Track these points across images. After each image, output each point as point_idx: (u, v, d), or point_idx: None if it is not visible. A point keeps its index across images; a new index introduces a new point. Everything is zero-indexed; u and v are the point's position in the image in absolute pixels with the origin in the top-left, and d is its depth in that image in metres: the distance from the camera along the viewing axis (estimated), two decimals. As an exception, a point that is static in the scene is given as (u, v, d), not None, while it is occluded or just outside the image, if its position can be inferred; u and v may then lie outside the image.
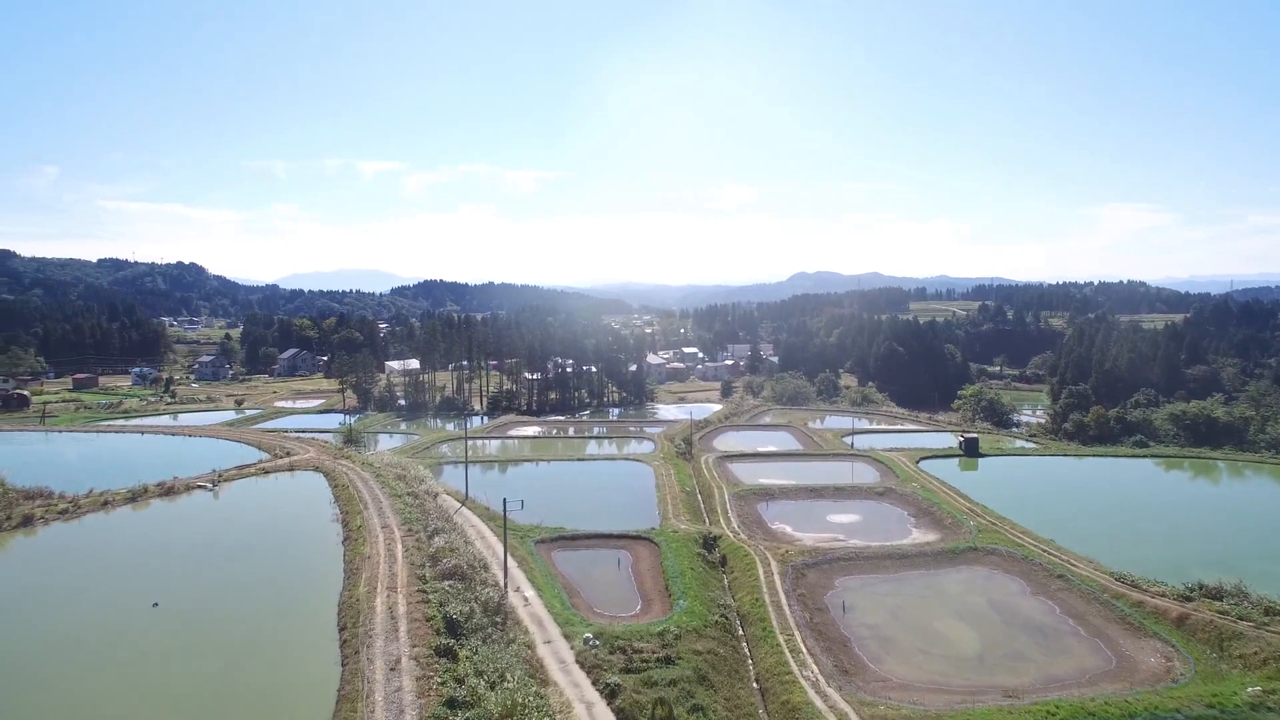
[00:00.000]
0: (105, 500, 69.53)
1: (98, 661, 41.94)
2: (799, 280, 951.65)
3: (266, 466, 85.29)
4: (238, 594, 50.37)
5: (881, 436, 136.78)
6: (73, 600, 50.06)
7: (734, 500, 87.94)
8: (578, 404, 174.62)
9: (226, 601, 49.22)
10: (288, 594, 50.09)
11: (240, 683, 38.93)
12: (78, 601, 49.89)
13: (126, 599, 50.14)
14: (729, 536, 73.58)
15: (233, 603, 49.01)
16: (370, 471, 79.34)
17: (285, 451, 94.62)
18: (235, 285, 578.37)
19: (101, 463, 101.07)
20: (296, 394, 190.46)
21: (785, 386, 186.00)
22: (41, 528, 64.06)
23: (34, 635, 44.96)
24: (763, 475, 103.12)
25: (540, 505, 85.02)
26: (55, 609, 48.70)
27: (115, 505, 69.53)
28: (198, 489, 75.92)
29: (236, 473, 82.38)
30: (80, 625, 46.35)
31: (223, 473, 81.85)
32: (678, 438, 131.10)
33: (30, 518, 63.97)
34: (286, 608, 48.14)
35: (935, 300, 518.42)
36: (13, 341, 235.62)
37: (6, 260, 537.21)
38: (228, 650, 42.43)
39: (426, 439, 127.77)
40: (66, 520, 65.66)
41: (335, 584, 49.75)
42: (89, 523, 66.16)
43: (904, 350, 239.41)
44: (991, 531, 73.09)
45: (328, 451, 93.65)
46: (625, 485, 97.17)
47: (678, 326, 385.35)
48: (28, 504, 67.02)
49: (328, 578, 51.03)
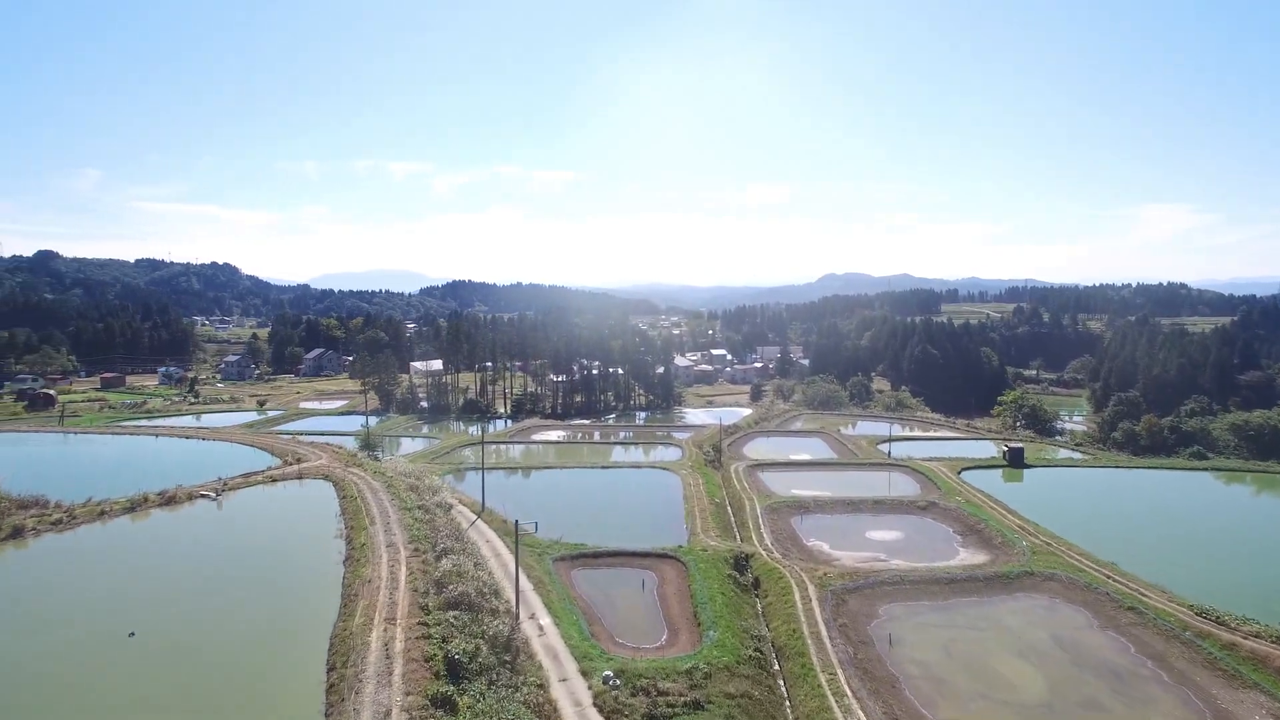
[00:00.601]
0: (102, 510, 65.56)
1: (49, 702, 37.51)
2: (828, 281, 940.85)
3: (274, 474, 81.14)
4: (224, 622, 45.75)
5: (918, 444, 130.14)
6: (44, 627, 45.69)
7: (766, 514, 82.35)
8: (603, 407, 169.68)
9: (211, 632, 44.59)
10: (277, 623, 45.38)
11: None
12: (49, 627, 45.54)
13: (104, 624, 45.79)
14: (762, 555, 68.06)
15: (218, 633, 44.36)
16: (381, 481, 74.83)
17: (296, 458, 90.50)
18: (267, 285, 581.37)
19: (111, 466, 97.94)
20: (320, 394, 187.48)
21: (817, 390, 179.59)
22: (32, 539, 60.14)
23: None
24: (796, 486, 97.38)
25: (561, 516, 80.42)
26: (23, 637, 44.43)
27: (112, 515, 65.58)
28: (201, 498, 71.88)
29: (243, 480, 78.28)
30: (46, 655, 41.99)
31: (228, 480, 77.80)
32: (706, 444, 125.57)
33: (21, 529, 60.09)
34: (274, 641, 43.38)
35: (967, 302, 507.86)
36: (46, 341, 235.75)
37: (49, 261, 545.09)
38: (202, 692, 37.78)
39: (447, 443, 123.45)
40: (60, 531, 61.72)
41: (331, 612, 45.00)
42: (82, 535, 62.16)
43: (938, 353, 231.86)
44: (1047, 553, 66.81)
45: (339, 458, 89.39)
46: (651, 495, 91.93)
47: (706, 328, 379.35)
48: (21, 514, 63.20)
49: (323, 604, 46.28)
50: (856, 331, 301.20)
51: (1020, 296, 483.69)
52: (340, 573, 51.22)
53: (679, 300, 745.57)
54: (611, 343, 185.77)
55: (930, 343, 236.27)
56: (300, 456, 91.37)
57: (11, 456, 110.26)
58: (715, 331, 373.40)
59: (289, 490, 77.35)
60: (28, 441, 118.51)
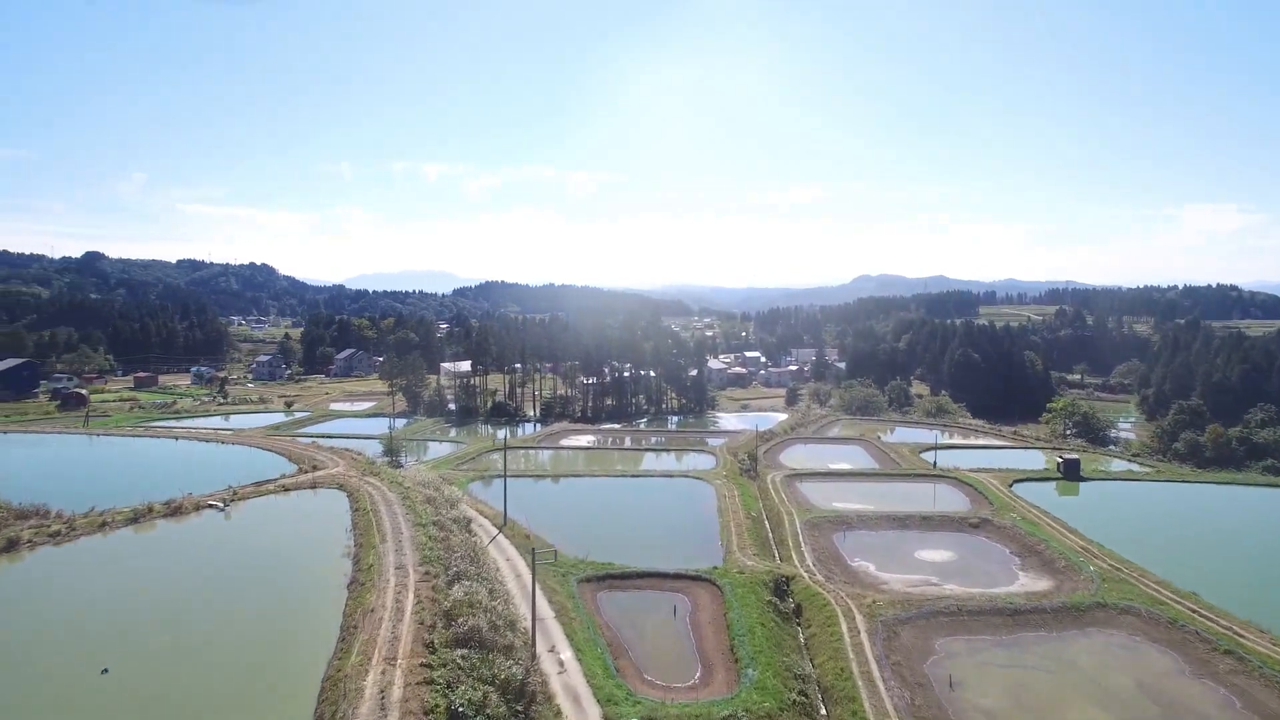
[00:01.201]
0: (104, 521, 61.77)
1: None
2: (862, 283, 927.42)
3: (287, 483, 77.04)
4: (208, 658, 41.05)
5: (963, 453, 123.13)
6: (20, 654, 41.69)
7: (806, 529, 76.60)
8: (635, 411, 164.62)
9: (193, 670, 39.92)
10: (266, 661, 40.69)
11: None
12: (27, 653, 41.53)
13: (82, 652, 41.66)
14: (803, 578, 62.40)
15: (199, 672, 39.69)
16: (397, 492, 70.33)
17: (312, 465, 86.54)
18: (303, 285, 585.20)
19: (127, 471, 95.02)
20: (349, 395, 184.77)
21: (855, 395, 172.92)
22: (27, 553, 56.38)
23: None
24: (837, 498, 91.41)
25: (589, 530, 75.52)
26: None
27: (115, 527, 61.77)
28: (208, 508, 67.93)
29: (254, 490, 74.25)
30: (15, 689, 37.87)
31: (239, 489, 73.81)
32: (741, 451, 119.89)
33: (16, 541, 56.39)
34: (259, 683, 38.52)
35: (1005, 304, 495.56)
36: (84, 340, 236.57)
37: (95, 262, 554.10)
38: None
39: (474, 447, 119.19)
40: (58, 544, 57.97)
41: (327, 646, 40.31)
42: (81, 548, 58.39)
43: (979, 357, 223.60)
44: (1118, 581, 60.30)
45: (357, 466, 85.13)
46: (684, 507, 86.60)
47: (739, 329, 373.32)
48: (18, 525, 59.63)
49: (320, 638, 41.59)
50: (893, 334, 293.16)
51: (1061, 299, 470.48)
52: (344, 598, 46.55)
53: (711, 301, 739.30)
54: (643, 344, 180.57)
55: (971, 346, 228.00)
56: (317, 463, 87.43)
57: (30, 459, 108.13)
58: (749, 333, 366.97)
59: (301, 501, 73.15)
60: (49, 443, 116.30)
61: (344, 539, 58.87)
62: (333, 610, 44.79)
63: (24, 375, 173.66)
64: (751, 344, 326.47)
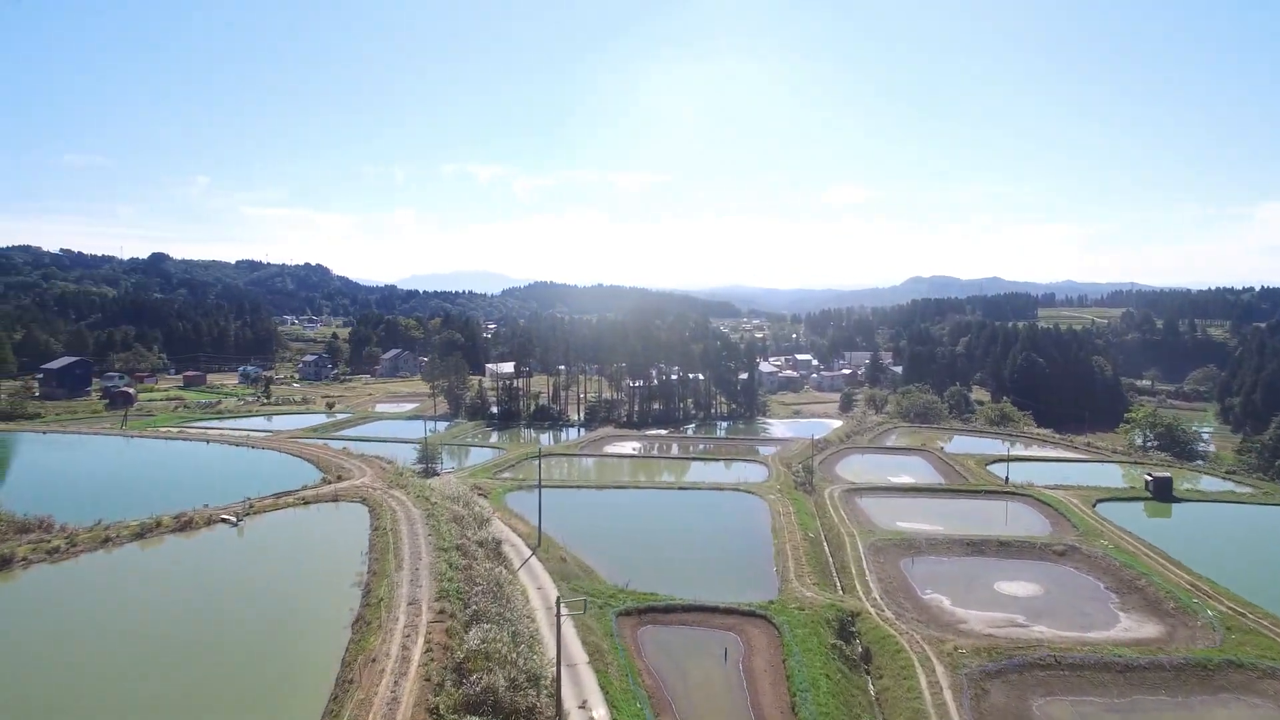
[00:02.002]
0: (107, 537, 56.72)
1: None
2: (914, 285, 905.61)
3: (308, 495, 71.55)
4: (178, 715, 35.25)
5: (1034, 467, 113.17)
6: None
7: (871, 554, 68.73)
8: (682, 415, 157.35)
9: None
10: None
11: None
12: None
13: (45, 694, 36.17)
14: (871, 615, 54.69)
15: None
16: (423, 509, 64.31)
17: (338, 474, 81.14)
18: (356, 285, 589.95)
19: (149, 477, 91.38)
20: (392, 396, 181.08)
21: (913, 401, 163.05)
22: (21, 571, 51.50)
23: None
24: (902, 517, 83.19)
25: (632, 548, 68.89)
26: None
27: (119, 543, 56.73)
28: (220, 522, 62.69)
29: (273, 502, 68.94)
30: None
31: (255, 501, 68.53)
32: (795, 462, 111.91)
33: (10, 559, 51.56)
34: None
35: (1065, 307, 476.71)
36: (139, 339, 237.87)
37: (160, 263, 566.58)
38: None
39: (514, 453, 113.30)
40: (55, 562, 53.06)
41: (316, 704, 34.04)
42: (81, 566, 53.40)
43: (1044, 362, 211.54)
44: (1248, 632, 51.20)
45: (384, 477, 79.36)
46: (735, 525, 79.28)
47: (789, 331, 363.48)
48: (17, 540, 55.00)
49: (311, 692, 35.31)
50: (950, 337, 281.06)
51: (1124, 301, 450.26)
52: (346, 639, 40.32)
53: (760, 303, 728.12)
54: (692, 346, 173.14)
55: (1035, 350, 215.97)
56: (343, 472, 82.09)
57: (57, 463, 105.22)
58: (799, 335, 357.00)
59: (320, 515, 67.49)
60: (82, 446, 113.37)
61: (358, 563, 52.85)
62: (332, 655, 38.54)
63: (77, 374, 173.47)
64: (802, 346, 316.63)
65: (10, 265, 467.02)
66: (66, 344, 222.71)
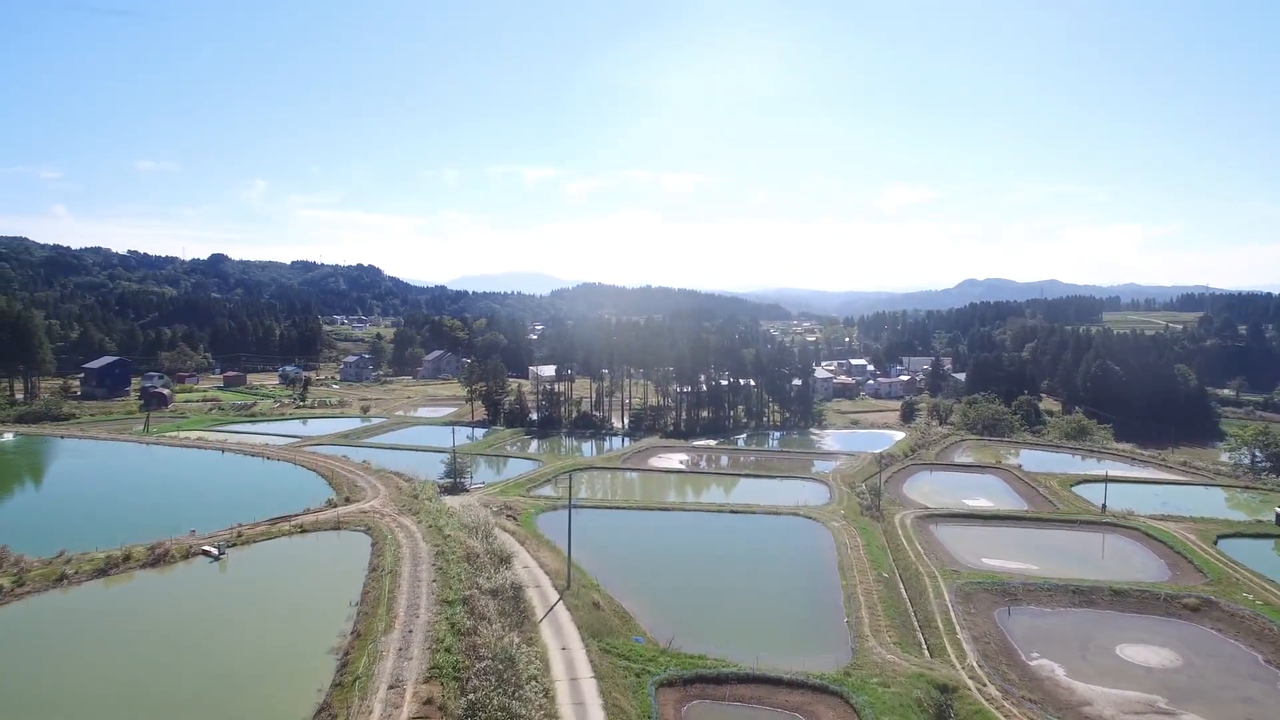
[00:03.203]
0: (63, 574, 48.05)
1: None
2: (968, 287, 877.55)
3: (307, 521, 62.50)
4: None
5: (1127, 490, 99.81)
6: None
7: (958, 601, 57.48)
8: (733, 424, 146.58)
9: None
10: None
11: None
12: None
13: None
14: (970, 691, 43.77)
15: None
16: (433, 543, 54.94)
17: (348, 494, 72.23)
18: (407, 286, 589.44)
19: (147, 492, 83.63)
20: (430, 400, 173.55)
21: (980, 412, 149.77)
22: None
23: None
24: (987, 551, 71.62)
25: (677, 590, 59.05)
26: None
27: (78, 580, 48.22)
28: (201, 554, 54.03)
29: (266, 528, 60.14)
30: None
31: (246, 528, 59.68)
32: (859, 480, 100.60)
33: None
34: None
35: (1131, 310, 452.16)
36: (185, 338, 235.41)
37: (219, 264, 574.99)
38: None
39: (551, 466, 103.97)
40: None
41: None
42: (25, 611, 44.96)
43: (1120, 370, 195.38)
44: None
45: (398, 499, 70.08)
46: (796, 559, 68.60)
47: (842, 335, 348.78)
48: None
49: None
50: (1014, 342, 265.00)
51: (1197, 305, 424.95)
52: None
53: (810, 305, 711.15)
54: (744, 351, 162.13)
55: (1109, 357, 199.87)
56: (354, 492, 73.25)
57: (54, 474, 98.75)
58: (852, 339, 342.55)
59: (316, 547, 58.26)
60: (93, 454, 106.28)
61: (344, 618, 43.48)
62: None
63: (116, 373, 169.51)
64: (856, 350, 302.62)
65: (81, 265, 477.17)
66: (120, 343, 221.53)
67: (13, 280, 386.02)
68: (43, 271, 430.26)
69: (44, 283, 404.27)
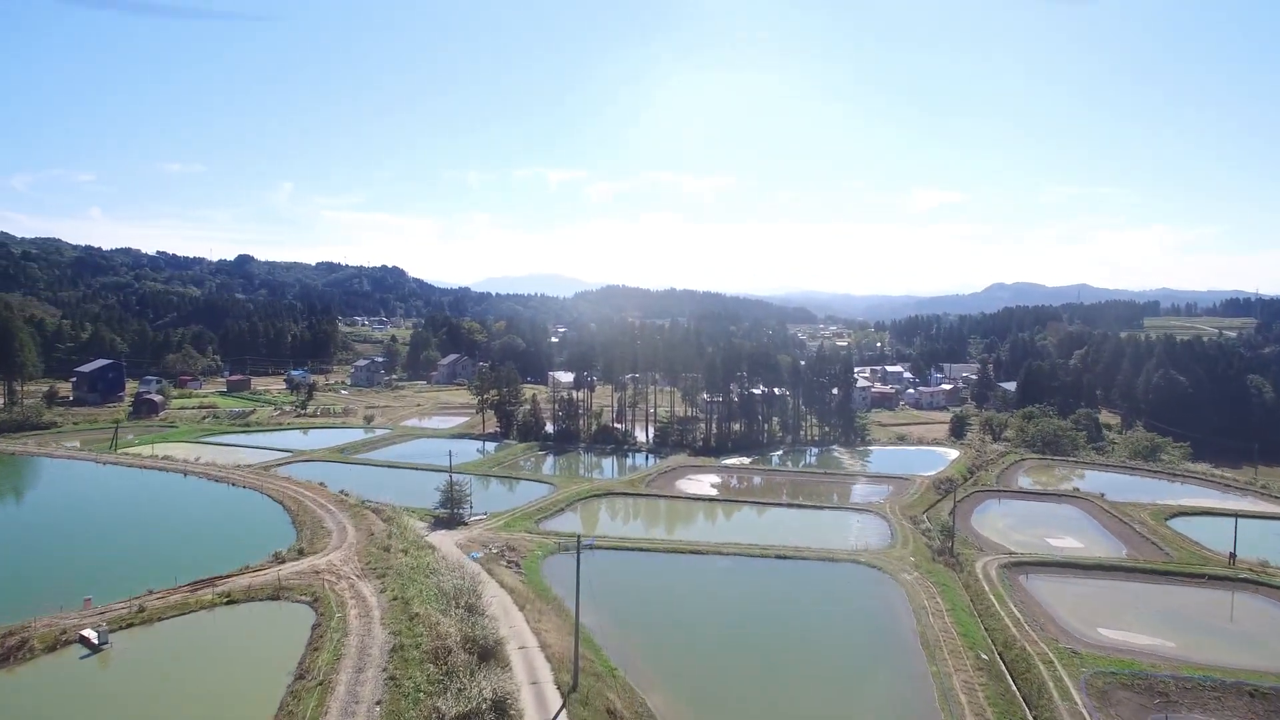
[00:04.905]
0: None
1: None
2: (996, 291, 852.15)
3: (237, 588, 47.14)
4: None
5: (1229, 525, 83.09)
6: None
7: (1095, 705, 42.35)
8: (767, 439, 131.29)
9: None
10: None
11: None
12: None
13: None
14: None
15: None
16: (393, 628, 40.50)
17: (310, 539, 57.87)
18: (430, 287, 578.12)
19: (56, 537, 66.94)
20: (442, 408, 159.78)
21: (1041, 427, 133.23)
22: None
23: None
24: (1102, 616, 56.36)
25: (715, 679, 44.42)
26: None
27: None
28: (78, 643, 39.98)
29: (184, 597, 45.43)
30: None
31: (154, 599, 45.11)
32: (918, 511, 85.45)
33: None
34: None
35: (1173, 316, 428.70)
36: (195, 339, 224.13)
37: (245, 264, 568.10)
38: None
39: (567, 490, 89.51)
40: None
41: None
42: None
43: (1186, 380, 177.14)
44: None
45: (367, 550, 54.74)
46: (865, 631, 53.53)
47: (873, 340, 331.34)
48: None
49: None
50: (1060, 350, 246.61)
51: (1243, 310, 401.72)
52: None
53: (835, 309, 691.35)
54: (778, 358, 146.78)
55: (1173, 365, 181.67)
56: (319, 535, 59.05)
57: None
58: (884, 344, 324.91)
59: (240, 628, 43.18)
60: (37, 477, 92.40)
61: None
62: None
63: (109, 377, 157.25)
64: (888, 356, 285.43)
65: (109, 266, 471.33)
66: (131, 344, 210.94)
67: (38, 280, 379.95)
68: (70, 272, 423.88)
69: (69, 283, 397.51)
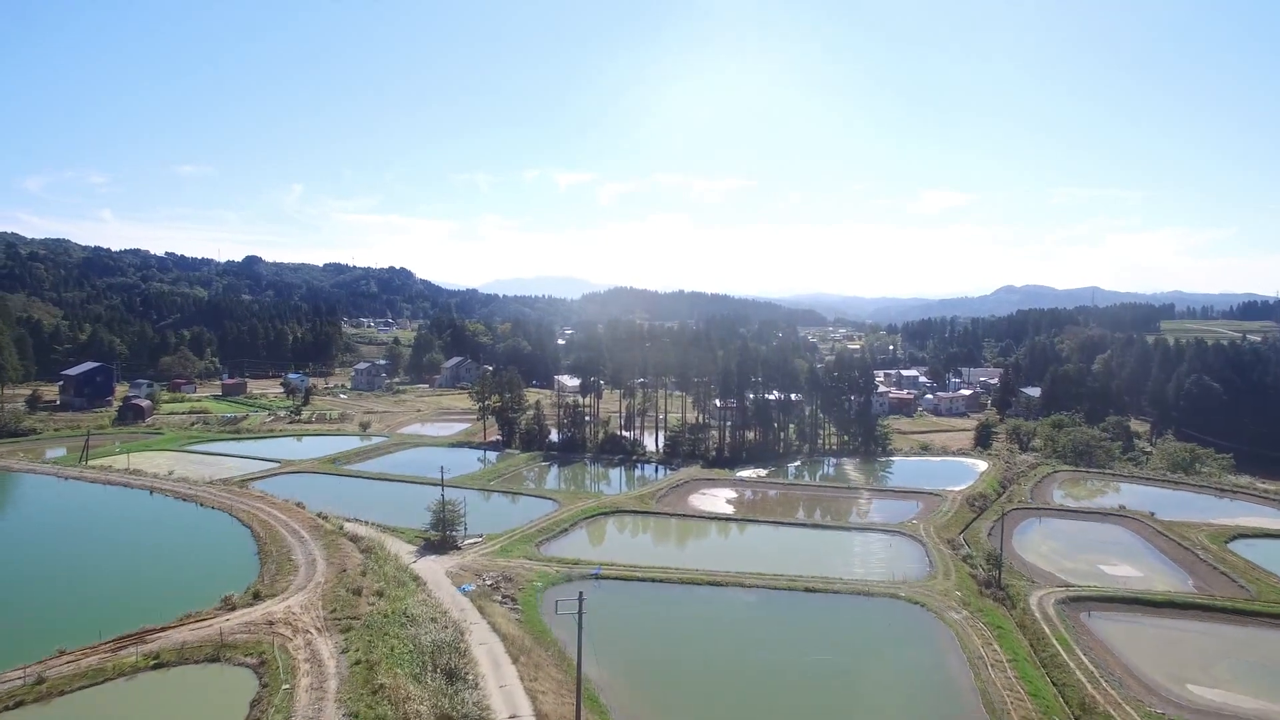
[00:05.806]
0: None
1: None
2: (1005, 294, 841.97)
3: (169, 646, 38.59)
4: None
5: None
6: None
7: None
8: (783, 449, 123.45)
9: None
10: None
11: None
12: None
13: None
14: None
15: None
16: (350, 707, 33.16)
17: (274, 575, 50.30)
18: (438, 289, 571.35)
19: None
20: (443, 413, 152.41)
21: (1072, 437, 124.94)
22: None
23: None
24: (1187, 668, 48.57)
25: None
26: None
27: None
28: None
29: (104, 659, 37.41)
30: None
31: (64, 662, 37.38)
32: (955, 532, 77.52)
33: None
34: None
35: (1189, 319, 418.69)
36: (192, 342, 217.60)
37: (253, 265, 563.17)
38: None
39: (570, 509, 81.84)
40: None
41: None
42: None
43: (1220, 387, 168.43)
44: None
45: (332, 594, 46.53)
46: (913, 688, 45.49)
47: (885, 343, 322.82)
48: None
49: None
50: (1081, 354, 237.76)
51: (1261, 314, 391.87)
52: None
53: (843, 311, 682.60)
54: (797, 362, 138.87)
55: (1205, 371, 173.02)
56: (282, 569, 51.48)
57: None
58: (896, 347, 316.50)
59: (162, 704, 35.31)
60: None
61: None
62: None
63: (97, 381, 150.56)
64: (901, 360, 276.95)
65: (117, 267, 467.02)
66: (130, 345, 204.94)
67: (44, 280, 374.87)
68: (77, 272, 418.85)
69: (76, 284, 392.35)
